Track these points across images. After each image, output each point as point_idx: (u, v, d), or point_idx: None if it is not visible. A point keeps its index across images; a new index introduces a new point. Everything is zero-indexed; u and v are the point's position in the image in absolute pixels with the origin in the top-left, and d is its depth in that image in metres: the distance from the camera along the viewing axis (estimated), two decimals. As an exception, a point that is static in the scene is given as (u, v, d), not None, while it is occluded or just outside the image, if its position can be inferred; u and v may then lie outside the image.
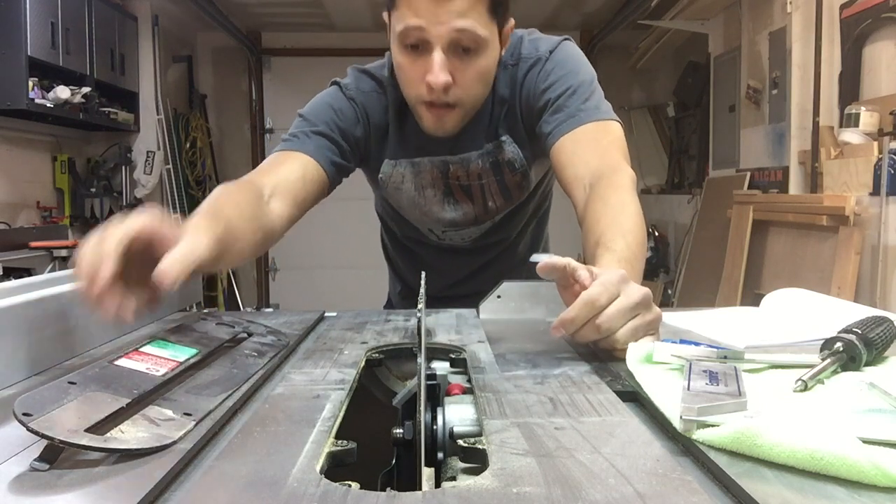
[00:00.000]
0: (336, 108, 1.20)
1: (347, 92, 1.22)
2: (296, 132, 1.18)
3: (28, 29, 3.40)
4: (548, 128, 1.15)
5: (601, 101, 1.16)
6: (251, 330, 0.84)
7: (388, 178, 1.27)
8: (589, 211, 1.01)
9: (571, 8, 5.48)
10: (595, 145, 1.11)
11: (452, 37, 1.04)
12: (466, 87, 1.10)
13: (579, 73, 1.17)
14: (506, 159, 1.24)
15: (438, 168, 1.25)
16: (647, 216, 4.56)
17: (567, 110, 1.13)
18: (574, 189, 1.08)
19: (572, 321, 0.74)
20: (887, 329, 0.73)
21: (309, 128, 1.17)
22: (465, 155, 1.24)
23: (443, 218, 1.31)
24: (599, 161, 1.08)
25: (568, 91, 1.14)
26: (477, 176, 1.26)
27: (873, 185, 2.81)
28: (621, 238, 0.92)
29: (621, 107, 6.15)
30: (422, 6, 1.03)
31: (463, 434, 0.57)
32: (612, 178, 1.04)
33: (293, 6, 5.24)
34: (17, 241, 3.44)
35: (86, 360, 0.78)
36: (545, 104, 1.16)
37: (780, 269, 3.45)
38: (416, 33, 1.05)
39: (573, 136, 1.12)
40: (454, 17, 1.03)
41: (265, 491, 0.43)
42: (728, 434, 0.49)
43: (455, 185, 1.27)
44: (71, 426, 0.47)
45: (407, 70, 1.10)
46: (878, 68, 3.00)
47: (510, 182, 1.27)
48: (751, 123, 4.01)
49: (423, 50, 1.06)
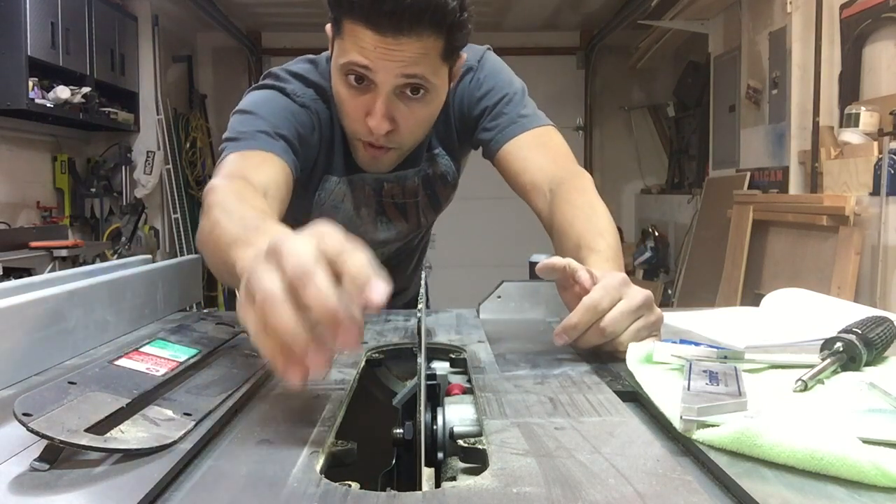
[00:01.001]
0: (292, 111, 1.07)
1: (298, 99, 1.08)
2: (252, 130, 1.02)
3: (28, 29, 3.41)
4: (488, 135, 1.14)
5: (536, 108, 1.17)
6: (251, 330, 0.84)
7: (327, 196, 1.17)
8: (558, 215, 1.02)
9: (571, 8, 5.48)
10: (544, 150, 1.12)
11: (399, 82, 0.95)
12: (407, 133, 1.03)
13: (513, 82, 1.18)
14: (438, 172, 1.22)
15: (371, 186, 1.19)
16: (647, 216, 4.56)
17: (507, 116, 1.13)
18: (534, 195, 1.09)
19: (575, 327, 0.74)
20: (887, 329, 0.73)
21: (270, 128, 1.02)
22: (401, 173, 1.18)
23: (374, 239, 1.25)
24: (554, 166, 1.09)
25: (505, 98, 1.14)
26: (413, 193, 1.22)
27: (873, 185, 2.81)
28: (601, 238, 0.94)
29: (621, 107, 6.17)
30: (369, 46, 0.92)
31: (463, 434, 0.57)
32: (573, 182, 1.06)
33: (293, 6, 5.24)
34: (17, 241, 3.44)
35: (86, 360, 0.78)
36: (482, 111, 1.15)
37: (780, 269, 3.45)
38: (360, 70, 0.95)
39: (518, 143, 1.12)
40: (404, 64, 0.93)
41: (265, 491, 0.43)
42: (728, 434, 0.49)
43: (388, 203, 1.22)
44: (71, 426, 0.47)
45: (346, 104, 1.01)
46: (878, 68, 3.00)
47: (441, 195, 1.26)
48: (751, 123, 4.01)
49: (366, 87, 0.97)
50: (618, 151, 6.21)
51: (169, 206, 4.92)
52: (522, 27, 5.86)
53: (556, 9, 5.49)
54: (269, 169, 0.97)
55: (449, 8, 0.91)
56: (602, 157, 6.25)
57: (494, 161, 1.16)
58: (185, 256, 1.39)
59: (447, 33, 0.93)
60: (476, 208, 5.16)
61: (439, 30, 0.92)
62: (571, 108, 5.98)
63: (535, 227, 1.13)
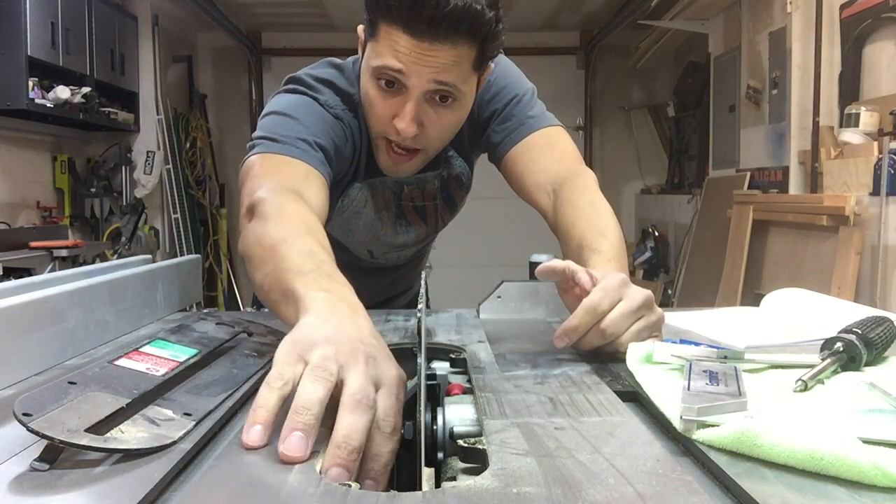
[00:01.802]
0: (329, 123, 1.06)
1: (331, 111, 1.08)
2: (292, 135, 1.00)
3: (28, 29, 3.40)
4: (497, 137, 1.15)
5: (544, 109, 1.17)
6: (251, 330, 0.84)
7: (350, 203, 1.18)
8: (561, 216, 1.02)
9: (571, 8, 5.48)
10: (550, 152, 1.12)
11: (430, 87, 0.96)
12: (434, 137, 1.04)
13: (522, 83, 1.18)
14: (454, 174, 1.23)
15: (391, 189, 1.19)
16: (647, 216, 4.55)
17: (516, 118, 1.14)
18: (538, 196, 1.10)
19: (576, 329, 0.75)
20: (887, 329, 0.73)
21: (311, 137, 1.01)
22: (421, 175, 1.18)
23: (394, 242, 1.26)
24: (558, 166, 1.10)
25: (514, 100, 1.15)
26: (431, 196, 1.23)
27: (873, 185, 2.81)
28: (603, 238, 0.94)
29: (621, 107, 6.16)
30: (404, 51, 0.93)
31: (463, 434, 0.57)
32: (575, 182, 1.06)
33: (293, 6, 5.24)
34: (17, 241, 3.44)
35: (86, 360, 0.78)
36: (492, 114, 1.15)
37: (780, 269, 3.45)
38: (392, 74, 0.96)
39: (526, 145, 1.12)
40: (437, 70, 0.94)
41: (265, 491, 0.43)
42: (728, 434, 0.49)
43: (408, 206, 1.22)
44: (71, 426, 0.47)
45: (376, 105, 1.02)
46: (878, 68, 3.00)
47: (457, 197, 1.27)
48: (751, 123, 4.01)
49: (397, 90, 0.98)
50: (618, 151, 6.21)
51: (169, 206, 4.91)
52: (522, 27, 5.85)
53: (556, 9, 5.49)
54: (317, 187, 0.96)
55: (486, 18, 0.92)
56: (602, 157, 6.24)
57: (501, 166, 1.16)
58: (185, 256, 1.39)
59: (481, 43, 0.95)
60: (476, 208, 5.13)
61: (474, 39, 0.93)
62: (571, 108, 5.98)
63: (535, 227, 1.13)
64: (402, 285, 1.45)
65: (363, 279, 1.36)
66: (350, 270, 1.41)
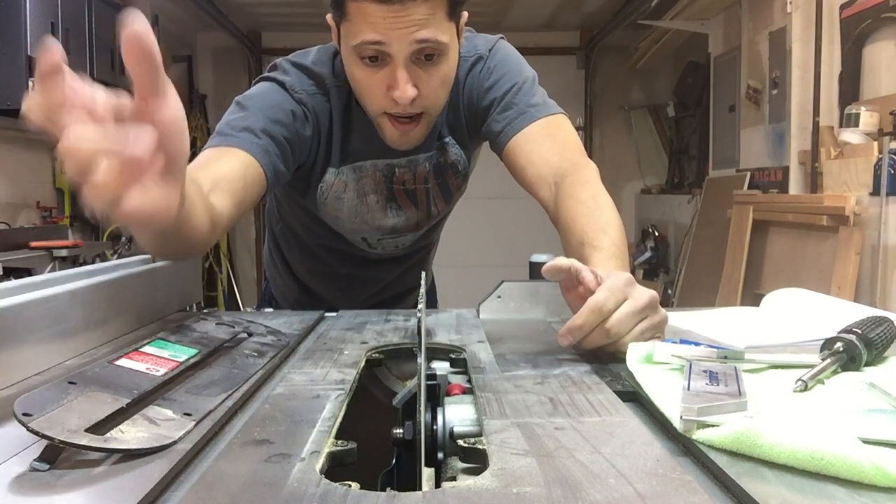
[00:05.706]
0: (286, 109, 1.08)
1: (295, 95, 1.10)
2: (239, 125, 1.03)
3: (28, 29, 3.40)
4: (498, 126, 1.14)
5: (546, 97, 1.16)
6: (251, 330, 0.84)
7: (328, 188, 1.18)
8: (562, 209, 1.01)
9: (571, 8, 5.48)
10: (551, 142, 1.11)
11: (413, 49, 0.98)
12: (432, 96, 1.05)
13: (522, 70, 1.17)
14: (449, 161, 1.22)
15: (382, 172, 1.19)
16: (647, 216, 4.56)
17: (516, 107, 1.13)
18: (539, 188, 1.09)
19: (580, 328, 0.74)
20: (887, 329, 0.73)
21: (257, 125, 1.03)
22: (413, 157, 1.19)
23: (384, 225, 1.26)
24: (560, 157, 1.08)
25: (514, 88, 1.14)
26: (423, 179, 1.23)
27: (873, 185, 2.81)
28: (604, 234, 0.93)
29: (621, 107, 6.16)
30: (378, 19, 0.95)
31: (463, 434, 0.57)
32: (577, 174, 1.05)
33: (293, 6, 5.24)
34: (17, 241, 3.44)
35: (86, 360, 0.78)
36: (491, 102, 1.15)
37: (780, 269, 3.45)
38: (374, 47, 0.97)
39: (526, 135, 1.11)
40: (414, 28, 0.96)
41: (265, 491, 0.43)
42: (728, 434, 0.49)
43: (399, 189, 1.22)
44: (71, 426, 0.47)
45: (366, 84, 1.03)
46: (878, 68, 3.00)
47: (452, 185, 1.26)
48: (751, 123, 4.01)
49: (383, 62, 1.00)
50: (618, 151, 6.21)
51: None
52: (522, 27, 5.85)
53: (555, 9, 5.49)
54: (225, 164, 0.97)
55: None
56: (602, 157, 6.24)
57: (502, 155, 1.15)
58: (185, 256, 1.38)
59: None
60: (476, 208, 5.15)
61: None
62: (571, 108, 5.95)
63: (535, 227, 1.13)
64: (410, 281, 1.45)
65: (368, 272, 1.37)
66: (354, 263, 1.41)
